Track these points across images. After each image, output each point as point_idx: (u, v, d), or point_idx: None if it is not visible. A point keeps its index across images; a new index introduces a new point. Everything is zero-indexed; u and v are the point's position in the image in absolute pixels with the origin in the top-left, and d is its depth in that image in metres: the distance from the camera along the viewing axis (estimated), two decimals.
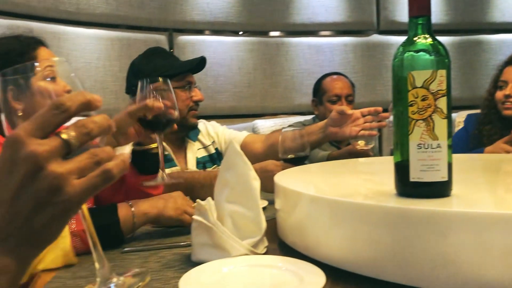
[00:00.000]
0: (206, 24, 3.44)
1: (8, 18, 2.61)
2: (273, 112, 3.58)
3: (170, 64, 1.83)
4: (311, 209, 0.85)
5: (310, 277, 0.73)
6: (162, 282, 0.81)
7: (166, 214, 1.13)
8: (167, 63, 1.84)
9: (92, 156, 0.44)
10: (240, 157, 0.94)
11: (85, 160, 0.44)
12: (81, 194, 0.43)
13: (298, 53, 3.64)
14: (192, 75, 1.87)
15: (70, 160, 0.43)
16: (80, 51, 2.91)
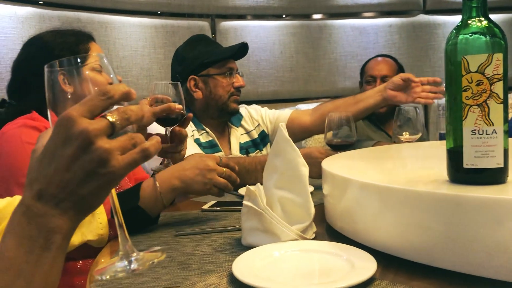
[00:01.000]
0: (248, 9, 3.43)
1: (58, 9, 2.71)
2: (316, 96, 3.55)
3: (212, 51, 1.86)
4: (361, 196, 0.86)
5: (361, 263, 0.74)
6: (215, 265, 0.84)
7: (193, 188, 1.12)
8: (209, 50, 1.87)
9: (130, 138, 0.51)
10: (288, 144, 0.95)
11: (125, 140, 0.51)
12: (124, 168, 0.50)
13: (342, 35, 3.58)
14: (233, 62, 1.89)
15: (114, 139, 0.50)
16: (126, 39, 2.97)
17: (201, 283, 0.75)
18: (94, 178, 0.49)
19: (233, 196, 1.46)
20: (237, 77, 1.88)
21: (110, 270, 0.60)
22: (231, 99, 1.86)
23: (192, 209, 1.33)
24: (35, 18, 2.58)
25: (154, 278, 0.80)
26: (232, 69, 1.87)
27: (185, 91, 1.90)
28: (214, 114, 1.88)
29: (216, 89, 1.85)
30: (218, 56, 1.84)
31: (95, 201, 0.52)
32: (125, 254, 0.61)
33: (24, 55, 1.40)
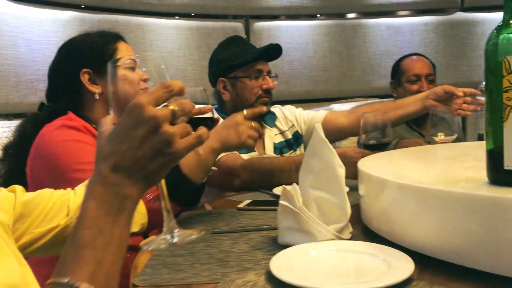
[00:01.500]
0: (281, 9, 3.45)
1: (98, 13, 2.79)
2: (350, 95, 3.54)
3: (240, 53, 1.87)
4: (398, 196, 0.86)
5: (398, 264, 0.74)
6: (253, 262, 0.86)
7: (231, 144, 1.20)
8: (238, 52, 1.87)
9: (186, 127, 0.61)
10: (325, 144, 0.96)
11: (183, 127, 0.60)
12: (183, 150, 0.60)
13: (376, 34, 3.55)
14: (263, 63, 1.88)
15: (175, 125, 0.60)
16: (162, 41, 3.04)
17: (239, 280, 0.77)
18: (160, 156, 0.58)
19: (268, 195, 1.48)
20: (267, 79, 1.87)
21: (155, 242, 0.71)
22: (259, 101, 1.86)
23: (228, 207, 1.35)
24: (76, 22, 2.68)
25: (194, 274, 0.82)
26: (260, 71, 1.86)
27: (216, 93, 1.93)
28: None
29: (242, 92, 1.86)
30: (245, 58, 1.85)
31: (159, 176, 0.61)
32: (168, 230, 0.70)
33: (57, 59, 1.46)
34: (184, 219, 1.23)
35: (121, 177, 0.58)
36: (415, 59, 2.54)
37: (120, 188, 0.58)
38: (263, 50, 1.85)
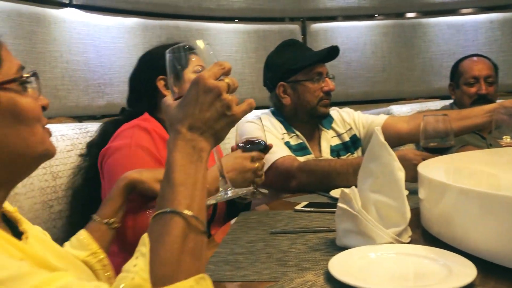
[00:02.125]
0: (338, 10, 3.43)
1: (160, 19, 2.91)
2: (409, 96, 3.46)
3: (298, 57, 1.87)
4: (459, 201, 0.85)
5: (459, 269, 0.73)
6: (311, 263, 0.88)
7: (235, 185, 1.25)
8: (296, 55, 1.88)
9: (237, 97, 0.74)
10: (384, 148, 0.96)
11: (234, 96, 0.73)
12: (241, 113, 0.73)
13: (437, 33, 3.45)
14: (322, 66, 1.88)
15: (231, 95, 0.72)
16: (221, 45, 3.11)
17: (299, 279, 0.80)
18: (223, 118, 0.71)
19: (325, 197, 1.49)
20: (327, 81, 1.87)
21: (213, 198, 0.90)
22: (321, 103, 1.86)
23: (285, 209, 1.38)
24: (139, 28, 2.80)
25: (254, 272, 0.85)
26: (320, 73, 1.86)
27: (275, 97, 1.95)
28: (303, 119, 1.90)
29: (304, 95, 1.86)
30: (305, 62, 1.85)
31: (223, 134, 0.73)
32: (223, 189, 0.90)
33: (137, 68, 1.60)
34: (242, 219, 1.27)
35: (196, 134, 0.70)
36: (474, 60, 2.44)
37: (196, 142, 0.70)
38: (324, 53, 1.85)
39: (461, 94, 2.42)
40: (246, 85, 3.17)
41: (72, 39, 2.52)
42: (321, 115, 1.89)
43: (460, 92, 2.44)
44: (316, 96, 1.85)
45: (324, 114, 1.90)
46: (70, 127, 1.70)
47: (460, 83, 2.43)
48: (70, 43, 2.51)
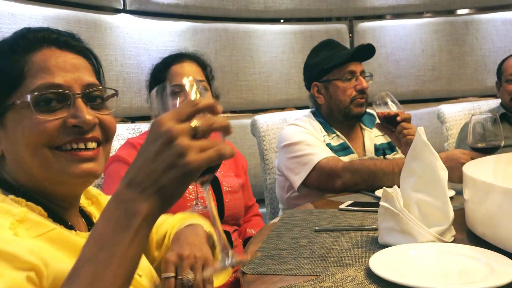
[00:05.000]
0: (387, 9, 3.38)
1: (209, 22, 2.99)
2: (461, 95, 3.36)
3: (331, 56, 1.87)
4: (504, 202, 0.84)
5: (501, 267, 0.74)
6: (353, 259, 0.90)
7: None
8: (330, 54, 1.88)
9: (212, 142, 0.60)
10: (427, 147, 0.97)
11: (206, 142, 0.59)
12: (199, 162, 0.57)
13: (491, 30, 3.33)
14: (356, 64, 1.86)
15: (196, 140, 0.59)
16: (268, 46, 3.15)
17: (339, 274, 0.82)
18: (174, 169, 0.57)
19: (370, 197, 1.50)
20: (360, 79, 1.85)
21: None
22: (354, 103, 1.85)
23: (330, 207, 1.40)
24: (189, 31, 2.89)
25: (297, 266, 0.89)
26: (353, 72, 1.85)
27: (311, 97, 1.97)
28: (339, 118, 1.89)
29: (336, 94, 1.86)
30: (336, 61, 1.85)
31: (175, 191, 0.59)
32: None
33: None
34: (287, 216, 1.31)
35: (134, 193, 0.58)
36: None
37: (130, 204, 0.58)
38: (353, 51, 1.84)
39: (503, 91, 2.40)
40: (292, 85, 3.20)
41: (125, 44, 2.64)
42: (356, 114, 1.87)
43: (502, 90, 2.42)
44: (349, 95, 1.84)
45: (359, 114, 1.88)
46: (125, 128, 1.80)
47: (502, 81, 2.41)
48: (124, 48, 2.63)
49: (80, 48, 0.81)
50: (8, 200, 0.69)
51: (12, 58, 0.73)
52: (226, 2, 3.04)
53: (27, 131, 0.70)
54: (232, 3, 3.07)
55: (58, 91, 0.72)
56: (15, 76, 0.72)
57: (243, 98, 3.08)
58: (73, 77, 0.74)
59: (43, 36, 0.76)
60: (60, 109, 0.72)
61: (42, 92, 0.71)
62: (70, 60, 0.76)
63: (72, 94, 0.73)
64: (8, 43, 0.76)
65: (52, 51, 0.75)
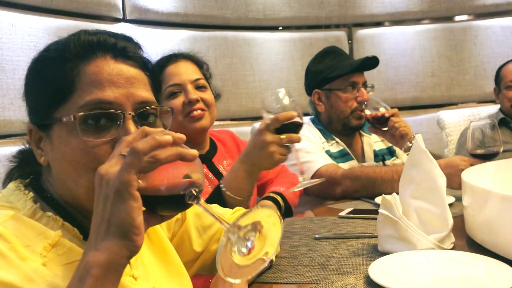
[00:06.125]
0: (385, 16, 3.40)
1: (209, 30, 3.00)
2: (460, 101, 3.37)
3: (335, 65, 1.87)
4: (503, 208, 0.84)
5: (500, 274, 0.74)
6: (353, 267, 0.90)
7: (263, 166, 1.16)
8: (334, 63, 1.88)
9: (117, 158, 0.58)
10: (425, 154, 0.97)
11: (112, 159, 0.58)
12: (119, 175, 0.55)
13: (490, 36, 3.34)
14: (359, 75, 1.86)
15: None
16: (267, 54, 3.17)
17: (339, 282, 0.82)
18: (108, 200, 0.56)
19: (370, 204, 1.50)
20: (361, 90, 1.84)
21: None
22: (354, 115, 1.84)
23: (330, 215, 1.40)
24: (189, 40, 2.91)
25: (296, 274, 0.89)
26: (355, 83, 1.85)
27: (312, 104, 1.98)
28: (337, 128, 1.89)
29: (337, 104, 1.86)
30: (340, 71, 1.84)
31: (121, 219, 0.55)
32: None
33: None
34: (287, 225, 1.31)
35: (90, 243, 0.57)
36: None
37: (84, 257, 0.56)
38: (358, 63, 1.84)
39: (502, 98, 2.42)
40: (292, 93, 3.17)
41: None
42: (355, 126, 1.87)
43: (502, 96, 2.44)
44: (349, 106, 1.84)
45: (358, 125, 1.88)
46: None
47: (501, 87, 2.43)
48: None
49: (138, 58, 0.72)
50: (46, 218, 0.66)
51: (64, 67, 0.67)
52: (225, 10, 3.06)
53: (74, 152, 0.65)
54: (232, 12, 3.09)
55: (108, 111, 0.65)
56: (65, 88, 0.66)
57: (242, 106, 3.08)
58: (125, 93, 0.67)
59: (99, 41, 0.69)
60: (108, 129, 0.65)
61: (89, 112, 0.64)
62: (125, 72, 0.68)
63: (122, 114, 0.66)
64: (60, 47, 0.69)
65: (106, 61, 0.68)
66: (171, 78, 1.43)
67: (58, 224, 0.66)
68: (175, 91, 1.40)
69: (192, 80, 1.41)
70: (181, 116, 1.39)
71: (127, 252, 0.56)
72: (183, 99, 1.39)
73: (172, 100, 1.39)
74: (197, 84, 1.42)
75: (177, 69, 1.46)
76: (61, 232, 0.64)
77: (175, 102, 1.38)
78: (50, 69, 0.68)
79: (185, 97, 1.39)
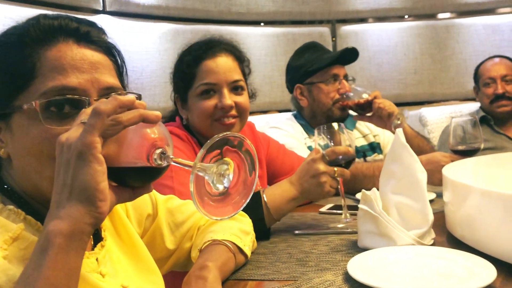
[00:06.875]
0: (369, 12, 3.40)
1: (190, 24, 2.96)
2: (442, 98, 3.39)
3: (315, 59, 1.87)
4: (482, 203, 0.83)
5: (479, 270, 0.72)
6: (331, 263, 0.88)
7: (312, 196, 1.14)
8: (314, 57, 1.88)
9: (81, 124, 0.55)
10: (405, 149, 0.96)
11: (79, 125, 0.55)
12: (81, 137, 0.53)
13: (472, 34, 3.36)
14: (339, 67, 1.86)
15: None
16: (250, 48, 3.13)
17: (317, 279, 0.80)
18: (69, 165, 0.53)
19: (351, 200, 1.48)
20: (343, 82, 1.85)
21: None
22: (336, 105, 1.84)
23: (311, 211, 1.39)
24: (170, 33, 2.86)
25: (274, 271, 0.87)
26: (336, 75, 1.85)
27: (294, 99, 1.96)
28: (321, 121, 1.88)
29: (319, 96, 1.86)
30: (320, 64, 1.85)
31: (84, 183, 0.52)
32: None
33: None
34: None
35: (51, 212, 0.54)
36: (492, 61, 2.50)
37: (45, 226, 0.53)
38: (337, 54, 1.84)
39: (481, 95, 2.45)
40: (275, 88, 3.18)
41: None
42: (338, 117, 1.85)
43: (481, 94, 2.47)
44: (331, 97, 1.84)
45: (342, 117, 1.87)
46: None
47: (480, 85, 2.46)
48: None
49: (102, 42, 0.68)
50: (6, 211, 0.62)
51: (22, 52, 0.63)
52: (208, 3, 3.02)
53: (37, 141, 0.61)
54: (214, 5, 3.05)
55: (72, 97, 0.62)
56: (25, 74, 0.62)
57: None
58: (89, 78, 0.63)
59: (60, 25, 0.65)
60: (73, 116, 0.61)
61: (52, 98, 0.61)
62: (89, 57, 0.65)
63: (87, 100, 0.62)
64: (19, 32, 0.65)
65: (68, 46, 0.64)
66: (207, 75, 1.29)
67: (20, 217, 0.63)
68: (208, 90, 1.28)
69: (230, 82, 1.29)
70: (210, 120, 1.28)
71: (91, 219, 0.53)
72: (216, 101, 1.27)
73: (203, 100, 1.28)
74: (234, 86, 1.30)
75: (215, 65, 1.30)
76: (23, 225, 0.61)
77: (207, 104, 1.27)
78: (8, 54, 0.64)
79: (218, 100, 1.27)
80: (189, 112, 1.34)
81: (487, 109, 2.46)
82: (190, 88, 1.31)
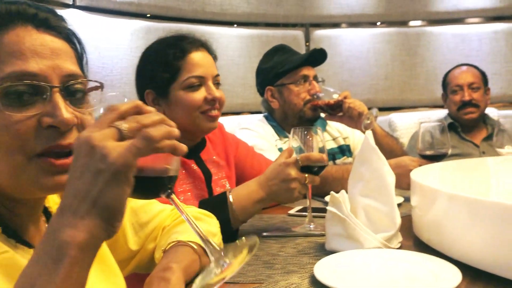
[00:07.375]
0: (342, 17, 3.43)
1: (163, 22, 2.92)
2: (412, 105, 3.44)
3: (285, 61, 1.87)
4: (449, 207, 0.84)
5: (445, 274, 0.72)
6: (298, 266, 0.87)
7: (280, 199, 1.14)
8: (283, 59, 1.88)
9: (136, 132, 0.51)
10: (374, 152, 0.96)
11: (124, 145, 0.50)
12: (123, 156, 0.49)
13: (442, 42, 3.43)
14: (309, 68, 1.87)
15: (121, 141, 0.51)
16: (224, 49, 3.11)
17: (283, 282, 0.79)
18: (100, 176, 0.49)
19: (320, 202, 1.48)
20: (313, 83, 1.86)
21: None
22: (307, 106, 1.85)
23: (279, 213, 1.37)
24: (142, 30, 2.81)
25: (240, 274, 0.84)
26: (306, 76, 1.86)
27: (264, 102, 1.96)
28: (293, 122, 1.88)
29: (290, 98, 1.86)
30: (289, 65, 1.85)
31: (112, 202, 0.50)
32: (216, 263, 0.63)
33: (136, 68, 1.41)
34: None
35: (64, 218, 0.50)
36: (459, 69, 2.57)
37: (59, 232, 0.49)
38: (306, 56, 1.86)
39: (449, 102, 2.51)
40: (248, 90, 3.17)
41: None
42: (310, 118, 1.86)
43: (449, 101, 2.52)
44: (302, 98, 1.84)
45: (313, 117, 1.87)
46: None
47: (448, 92, 2.52)
48: None
49: (62, 29, 0.66)
50: None
51: None
52: (182, 2, 2.99)
53: None
54: (188, 4, 3.02)
55: (32, 82, 0.59)
56: None
57: None
58: (51, 64, 0.61)
59: (18, 10, 0.62)
60: (33, 103, 0.59)
61: (11, 84, 0.58)
62: (49, 43, 0.62)
63: (49, 87, 0.59)
64: None
65: (27, 31, 0.61)
66: (195, 68, 1.27)
67: None
68: (196, 84, 1.27)
69: (214, 76, 1.29)
70: (197, 112, 1.26)
71: (105, 236, 0.52)
72: (205, 94, 1.26)
73: (191, 92, 1.26)
74: (216, 81, 1.30)
75: (201, 59, 1.29)
76: None
77: (195, 96, 1.26)
78: None
79: (207, 93, 1.26)
80: (170, 105, 1.29)
81: (454, 116, 2.51)
82: (174, 81, 1.28)
